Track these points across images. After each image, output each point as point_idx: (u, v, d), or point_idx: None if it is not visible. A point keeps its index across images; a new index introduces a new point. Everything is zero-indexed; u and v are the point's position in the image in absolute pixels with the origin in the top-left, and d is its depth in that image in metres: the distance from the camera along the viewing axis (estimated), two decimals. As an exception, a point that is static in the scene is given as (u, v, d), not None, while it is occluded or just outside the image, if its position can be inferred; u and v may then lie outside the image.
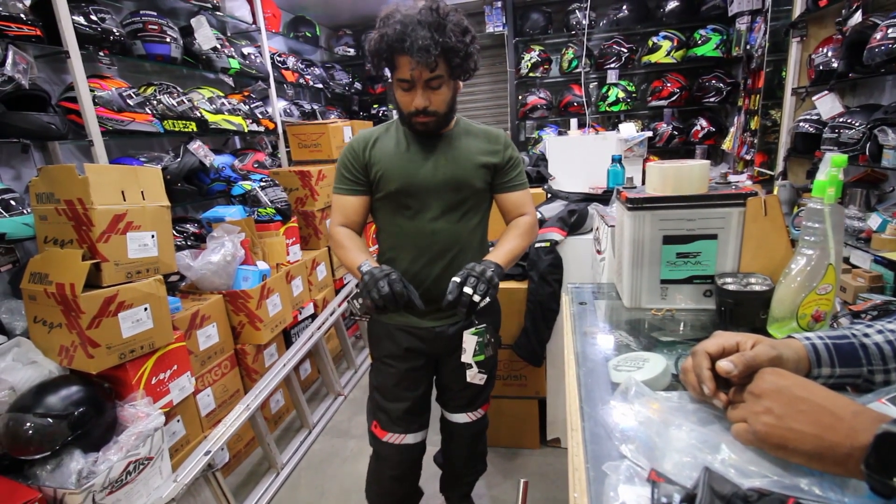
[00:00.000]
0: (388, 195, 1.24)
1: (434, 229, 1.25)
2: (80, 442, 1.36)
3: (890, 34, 1.58)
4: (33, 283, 1.52)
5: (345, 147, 1.27)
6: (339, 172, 1.27)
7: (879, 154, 1.65)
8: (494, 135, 1.31)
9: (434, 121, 1.17)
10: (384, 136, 1.26)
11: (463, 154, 1.25)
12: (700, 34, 3.38)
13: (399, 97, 1.16)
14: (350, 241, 1.24)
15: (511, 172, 1.31)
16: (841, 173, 0.70)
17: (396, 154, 1.23)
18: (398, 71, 1.10)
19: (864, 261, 1.65)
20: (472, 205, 1.29)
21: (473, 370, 1.19)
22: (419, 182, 1.22)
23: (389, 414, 1.37)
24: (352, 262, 1.19)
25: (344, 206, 1.27)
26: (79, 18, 1.83)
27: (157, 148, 2.37)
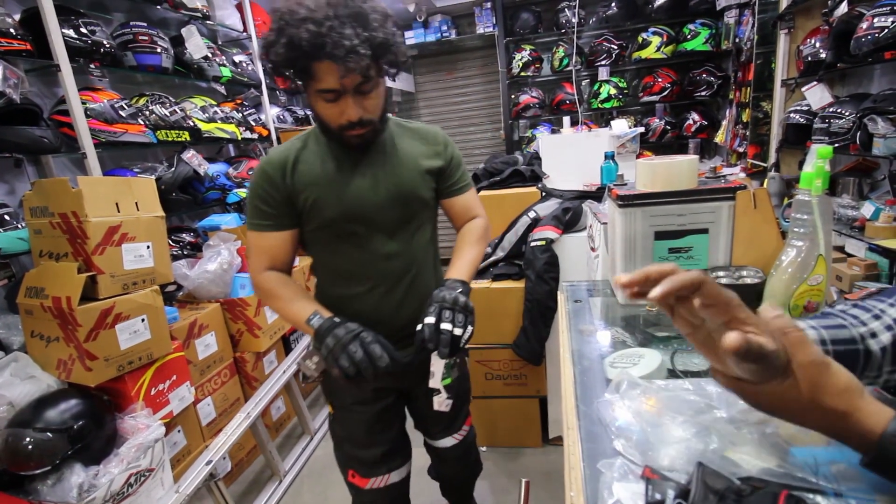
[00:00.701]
0: (325, 224, 1.03)
1: (387, 254, 1.07)
2: (80, 455, 1.35)
3: (876, 23, 1.58)
4: (29, 298, 1.51)
5: (255, 173, 1.02)
6: (253, 206, 1.03)
7: (870, 143, 1.66)
8: (432, 133, 1.14)
9: (371, 130, 0.98)
10: (304, 153, 1.03)
11: (404, 161, 1.07)
12: (689, 29, 3.39)
13: (323, 110, 0.94)
14: (285, 289, 1.03)
15: (456, 173, 1.16)
16: (827, 164, 0.71)
17: (325, 174, 1.01)
18: (319, 81, 0.89)
19: (858, 249, 1.66)
20: (423, 218, 1.12)
21: (442, 396, 1.07)
22: (360, 203, 1.02)
23: (366, 461, 1.21)
24: (296, 314, 0.99)
25: (267, 246, 1.04)
26: (69, 31, 1.83)
27: (150, 158, 2.38)
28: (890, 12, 1.55)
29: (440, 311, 0.95)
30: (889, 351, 0.55)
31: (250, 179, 1.04)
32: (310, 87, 0.92)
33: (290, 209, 1.03)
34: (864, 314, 0.58)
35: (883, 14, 1.56)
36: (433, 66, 4.44)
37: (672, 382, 0.68)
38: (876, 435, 0.42)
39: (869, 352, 0.55)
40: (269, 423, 2.26)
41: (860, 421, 0.43)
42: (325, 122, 0.97)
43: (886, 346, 0.55)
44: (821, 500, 0.46)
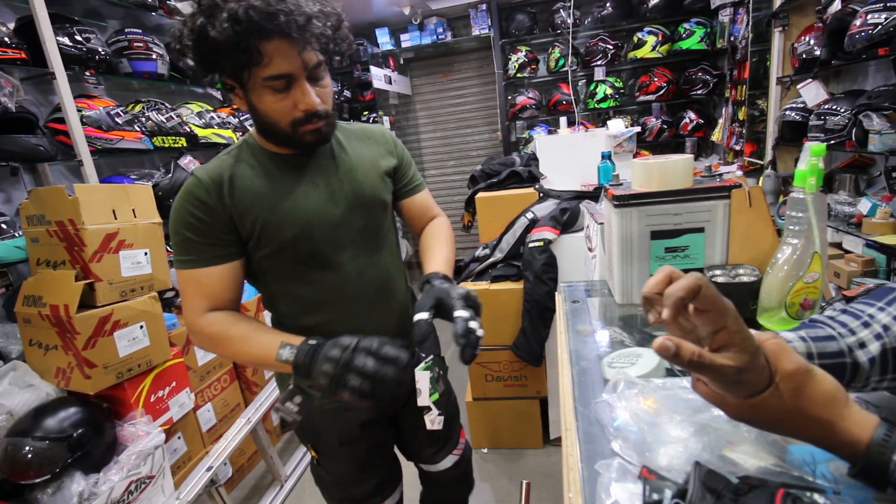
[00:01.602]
0: (282, 248, 0.87)
1: (357, 271, 0.94)
2: (80, 463, 1.35)
3: (869, 20, 1.59)
4: (27, 306, 1.51)
5: (179, 200, 0.84)
6: (182, 238, 0.84)
7: (865, 139, 1.66)
8: (379, 131, 1.04)
9: (327, 124, 0.85)
10: (239, 169, 0.86)
11: (357, 165, 0.95)
12: (684, 28, 3.40)
13: (270, 105, 0.80)
14: (237, 327, 0.84)
15: (409, 171, 1.07)
16: (821, 162, 0.71)
17: (273, 190, 0.86)
18: (266, 66, 0.75)
19: (856, 245, 1.66)
20: (387, 225, 1.01)
21: (433, 413, 0.99)
22: (319, 217, 0.88)
23: (359, 496, 1.11)
24: (258, 352, 0.82)
25: (206, 283, 0.85)
26: (63, 39, 1.83)
27: (147, 165, 2.38)
28: (883, 9, 1.55)
29: (464, 306, 0.80)
30: (878, 361, 0.53)
31: (173, 208, 0.85)
32: (252, 78, 0.77)
33: (232, 237, 0.86)
34: (853, 321, 0.56)
35: (876, 10, 1.57)
36: (429, 69, 4.45)
37: (669, 381, 0.68)
38: (862, 444, 0.42)
39: (856, 364, 0.54)
40: (269, 428, 2.26)
41: (846, 430, 0.42)
42: (271, 122, 0.82)
43: (875, 357, 0.53)
44: (818, 499, 0.46)
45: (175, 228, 0.85)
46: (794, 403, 0.43)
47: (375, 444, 1.08)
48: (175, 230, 0.85)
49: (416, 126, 4.64)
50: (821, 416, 0.43)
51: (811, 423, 0.43)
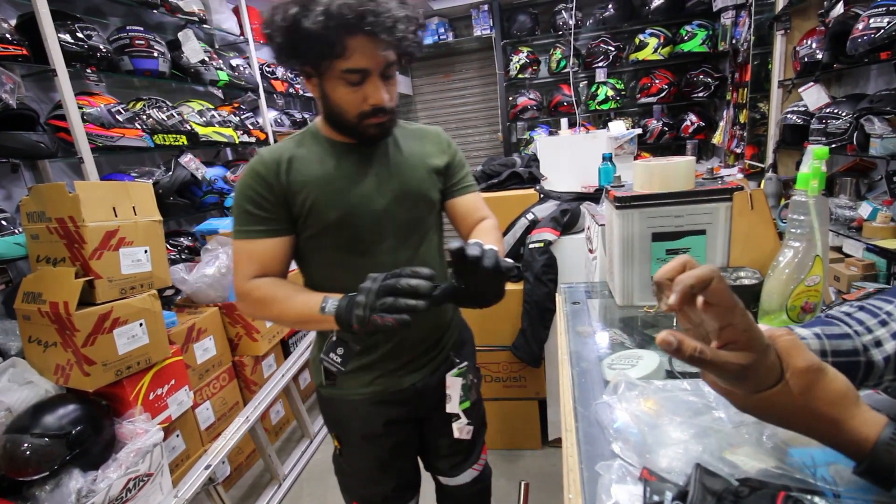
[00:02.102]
0: (326, 230, 0.92)
1: (396, 263, 0.94)
2: (78, 461, 1.35)
3: (872, 24, 1.59)
4: (27, 303, 1.51)
5: (245, 174, 0.92)
6: (242, 210, 0.91)
7: (867, 143, 1.66)
8: (434, 132, 1.08)
9: (390, 120, 0.91)
10: (298, 152, 0.93)
11: (409, 161, 0.99)
12: (686, 30, 3.40)
13: (343, 96, 0.86)
14: (282, 289, 0.89)
15: (461, 172, 1.08)
16: (824, 165, 0.71)
17: (325, 174, 0.92)
18: (347, 59, 0.81)
19: (856, 249, 1.66)
20: (431, 222, 1.04)
21: (462, 421, 0.98)
22: (365, 204, 0.93)
23: (376, 497, 1.12)
24: (301, 309, 0.85)
25: (259, 253, 0.91)
26: (65, 36, 1.83)
27: (148, 162, 2.37)
28: (886, 13, 1.55)
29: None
30: (893, 360, 0.53)
31: (238, 182, 0.93)
32: (331, 69, 0.83)
33: (285, 213, 0.92)
34: (871, 319, 0.56)
35: (879, 14, 1.57)
36: (430, 69, 4.45)
37: (670, 383, 0.68)
38: (869, 443, 0.42)
39: (871, 362, 0.54)
40: (268, 426, 2.26)
41: (854, 429, 0.42)
42: (340, 111, 0.88)
43: (890, 356, 0.53)
44: (819, 501, 0.46)
45: (237, 201, 0.93)
46: (804, 400, 0.43)
47: (398, 444, 1.08)
48: (237, 202, 0.93)
49: (417, 126, 4.63)
50: (830, 414, 0.43)
51: (819, 420, 0.43)
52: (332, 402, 1.07)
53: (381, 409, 1.03)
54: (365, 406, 1.02)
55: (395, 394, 1.02)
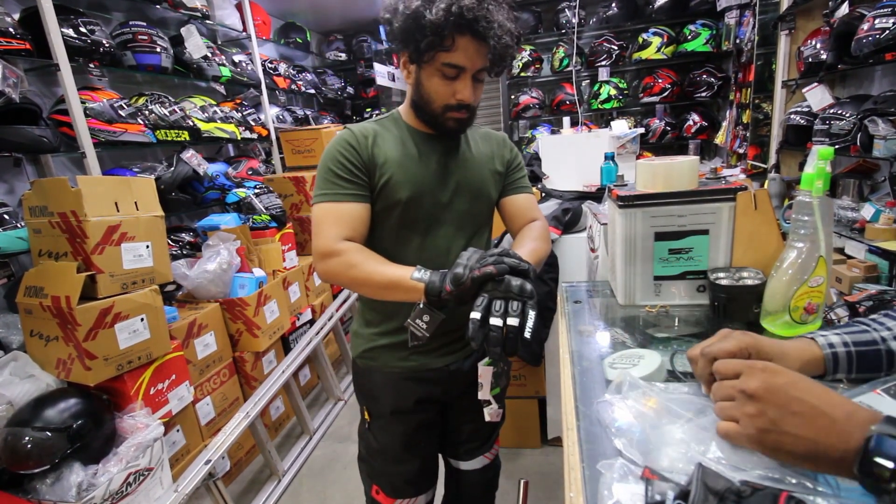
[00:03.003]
0: (394, 206, 0.98)
1: (449, 249, 1.03)
2: (79, 454, 1.35)
3: (877, 24, 1.58)
4: (29, 297, 1.51)
5: (335, 142, 0.98)
6: (330, 174, 0.95)
7: (870, 144, 1.66)
8: (501, 137, 1.16)
9: (469, 118, 0.98)
10: (382, 133, 1.01)
11: (476, 158, 1.07)
12: (690, 29, 3.39)
13: (435, 86, 0.93)
14: (375, 256, 0.93)
15: (518, 173, 1.15)
16: (828, 165, 0.70)
17: (403, 155, 0.99)
18: (451, 53, 0.88)
19: (858, 251, 1.66)
20: (485, 218, 1.12)
21: (493, 406, 1.00)
22: (431, 189, 1.00)
23: (397, 479, 1.15)
24: (391, 274, 0.88)
25: (348, 215, 0.94)
26: (68, 31, 1.83)
27: (150, 158, 2.37)
28: (891, 13, 1.55)
29: (489, 301, 0.78)
30: None
31: (325, 152, 0.98)
32: (434, 59, 0.90)
33: (368, 181, 0.98)
34: (891, 321, 0.60)
35: (884, 15, 1.57)
36: (433, 66, 4.44)
37: (672, 384, 0.68)
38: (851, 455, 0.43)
39: (891, 351, 0.57)
40: (268, 422, 2.26)
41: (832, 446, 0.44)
42: (428, 99, 0.95)
43: None
44: (821, 502, 0.46)
45: (325, 166, 0.97)
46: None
47: (424, 423, 1.13)
48: (324, 167, 0.97)
49: (419, 124, 4.63)
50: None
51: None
52: (368, 373, 1.11)
53: (413, 385, 1.08)
54: (399, 380, 1.08)
55: (428, 372, 1.08)
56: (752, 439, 0.49)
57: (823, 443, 0.45)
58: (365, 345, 1.10)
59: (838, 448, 0.44)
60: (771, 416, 0.47)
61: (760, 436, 0.48)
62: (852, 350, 0.58)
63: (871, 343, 0.58)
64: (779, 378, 0.49)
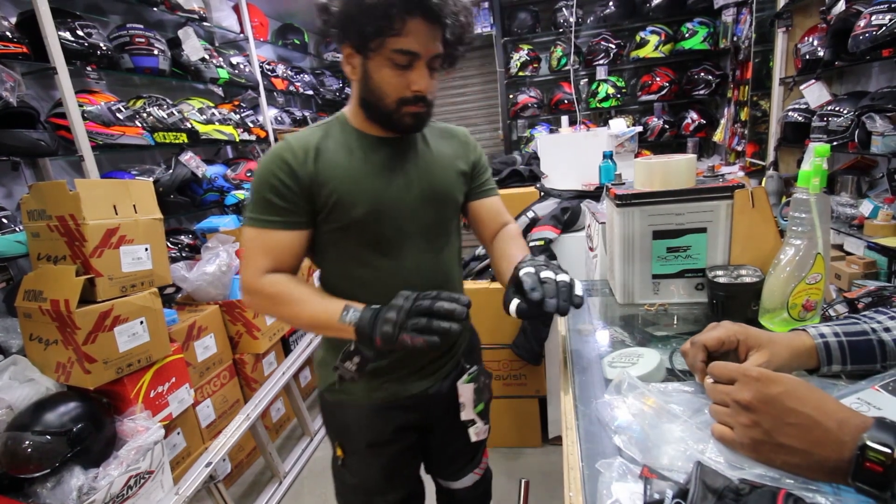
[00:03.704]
0: (350, 225, 0.87)
1: (419, 265, 0.93)
2: (79, 458, 1.35)
3: (874, 21, 1.58)
4: (28, 301, 1.51)
5: (270, 159, 0.86)
6: (260, 197, 0.85)
7: (868, 141, 1.65)
8: (462, 133, 1.05)
9: (426, 112, 0.87)
10: (325, 142, 0.88)
11: (438, 160, 0.96)
12: (687, 27, 3.39)
13: (386, 77, 0.81)
14: (300, 289, 0.84)
15: (485, 174, 1.05)
16: (825, 163, 0.71)
17: (352, 166, 0.87)
18: (402, 38, 0.78)
19: (857, 247, 1.66)
20: (453, 226, 1.00)
21: (479, 425, 0.97)
22: (392, 201, 0.89)
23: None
24: (318, 313, 0.81)
25: (273, 246, 0.85)
26: (65, 34, 1.83)
27: (148, 160, 2.37)
28: (888, 10, 1.55)
29: (533, 265, 0.77)
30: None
31: (258, 167, 0.87)
32: (382, 46, 0.79)
33: (308, 205, 0.86)
34: (881, 316, 0.61)
35: (881, 12, 1.56)
36: (431, 67, 4.43)
37: (671, 384, 0.68)
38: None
39: (882, 342, 0.58)
40: (268, 424, 2.26)
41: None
42: (379, 95, 0.83)
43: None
44: (820, 499, 0.46)
45: (257, 187, 0.86)
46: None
47: (404, 451, 1.04)
48: (257, 188, 0.86)
49: (418, 124, 4.62)
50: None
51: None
52: (338, 408, 1.01)
53: (390, 414, 0.98)
54: (373, 412, 0.98)
55: (407, 399, 0.98)
56: (746, 448, 0.49)
57: (818, 454, 0.45)
58: (332, 377, 0.94)
59: (832, 458, 0.44)
60: (765, 427, 0.47)
61: (755, 446, 0.48)
62: (843, 340, 0.59)
63: (862, 333, 0.59)
64: (773, 388, 0.48)
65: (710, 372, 0.56)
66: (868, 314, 0.63)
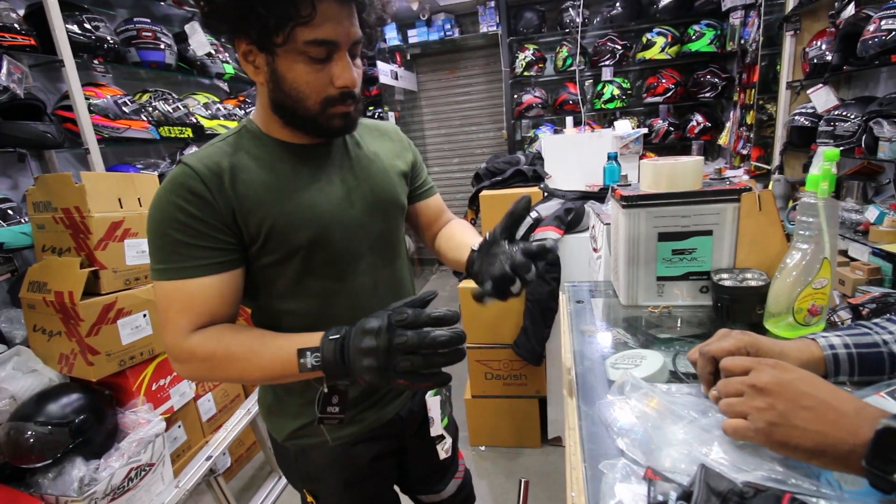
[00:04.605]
0: (293, 254, 0.74)
1: (375, 282, 0.83)
2: (81, 449, 1.36)
3: (883, 26, 1.58)
4: (32, 292, 1.52)
5: (165, 193, 0.69)
6: (166, 242, 0.68)
7: (875, 146, 1.65)
8: (393, 129, 0.95)
9: (356, 109, 0.75)
10: (239, 159, 0.73)
11: (375, 161, 0.85)
12: (694, 30, 3.38)
13: (303, 75, 0.68)
14: (240, 339, 0.68)
15: (423, 173, 0.97)
16: (834, 167, 0.70)
17: (281, 184, 0.73)
18: (314, 26, 0.64)
19: (862, 253, 1.65)
20: (401, 231, 0.91)
21: (447, 441, 0.91)
22: (337, 220, 0.76)
23: None
24: (275, 367, 0.66)
25: (200, 297, 0.69)
26: (73, 27, 1.83)
27: (153, 154, 2.38)
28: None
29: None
30: None
31: (154, 204, 0.69)
32: (291, 40, 0.65)
33: (232, 239, 0.71)
34: (893, 325, 0.61)
35: (890, 17, 1.56)
36: (436, 65, 4.44)
37: (675, 385, 0.68)
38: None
39: (893, 354, 0.58)
40: (269, 419, 2.27)
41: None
42: (298, 97, 0.70)
43: None
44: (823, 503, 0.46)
45: (158, 229, 0.68)
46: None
47: (382, 481, 0.96)
48: (158, 231, 0.68)
49: (422, 122, 4.63)
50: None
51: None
52: (304, 455, 0.87)
53: (365, 447, 0.88)
54: (347, 449, 0.86)
55: (379, 428, 0.89)
56: (760, 433, 0.49)
57: (832, 436, 0.45)
58: (294, 422, 0.84)
59: (847, 441, 0.44)
60: (781, 409, 0.48)
61: (770, 429, 0.48)
62: (853, 352, 0.59)
63: (873, 345, 0.59)
64: (788, 374, 0.50)
65: (724, 367, 0.57)
66: (880, 323, 0.62)
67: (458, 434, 1.13)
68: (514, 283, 0.67)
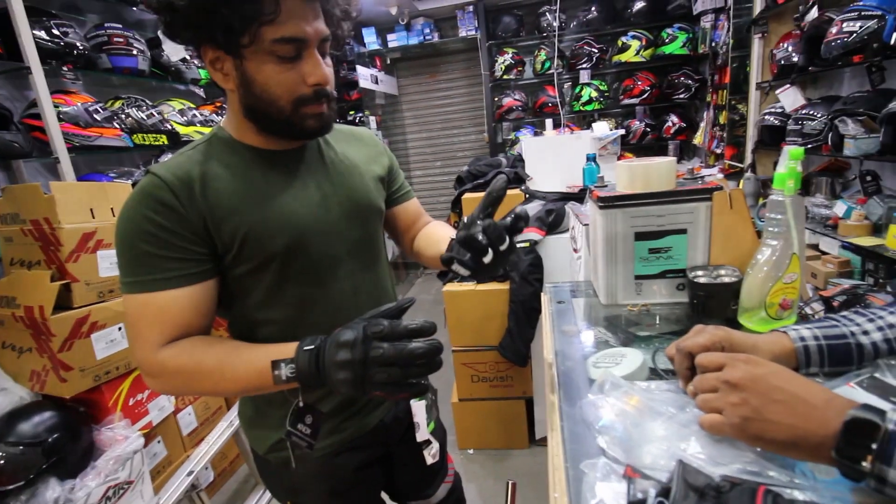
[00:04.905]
0: (268, 262, 0.73)
1: (355, 289, 0.82)
2: (55, 469, 1.32)
3: (845, 28, 1.64)
4: (0, 307, 1.47)
5: (134, 204, 0.68)
6: (138, 254, 0.66)
7: (841, 143, 1.71)
8: (368, 134, 0.95)
9: (330, 109, 0.73)
10: (210, 167, 0.71)
11: (350, 168, 0.84)
12: (667, 33, 3.46)
13: (273, 75, 0.67)
14: (213, 352, 0.67)
15: (400, 177, 0.97)
16: (799, 165, 0.72)
17: (255, 191, 0.73)
18: (280, 24, 0.63)
19: (832, 247, 1.71)
20: (380, 235, 0.90)
21: (434, 446, 0.91)
22: (314, 225, 0.76)
23: None
24: (251, 379, 0.65)
25: (172, 309, 0.67)
26: (40, 33, 1.78)
27: (127, 163, 2.32)
28: (858, 17, 1.60)
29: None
30: (880, 348, 0.60)
31: (121, 216, 0.68)
32: (257, 40, 0.64)
33: (204, 249, 0.69)
34: (860, 318, 0.63)
35: (851, 19, 1.62)
36: (416, 69, 4.45)
37: (654, 383, 0.69)
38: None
39: (860, 345, 0.60)
40: (252, 430, 2.23)
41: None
42: (269, 99, 0.68)
43: (877, 343, 0.60)
44: (798, 495, 0.47)
45: (127, 241, 0.67)
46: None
47: (369, 489, 0.95)
48: (127, 243, 0.67)
49: (403, 126, 4.63)
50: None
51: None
52: (285, 468, 0.83)
53: (349, 456, 0.87)
54: (331, 459, 0.85)
55: (365, 437, 0.88)
56: (735, 428, 0.50)
57: (803, 428, 0.46)
58: (275, 434, 0.83)
59: (818, 433, 0.45)
60: (754, 404, 0.49)
61: (744, 424, 0.49)
62: (823, 343, 0.60)
63: (841, 337, 0.61)
64: (760, 368, 0.52)
65: (699, 363, 0.58)
66: (848, 315, 0.64)
67: (446, 438, 1.12)
68: (486, 254, 0.63)
